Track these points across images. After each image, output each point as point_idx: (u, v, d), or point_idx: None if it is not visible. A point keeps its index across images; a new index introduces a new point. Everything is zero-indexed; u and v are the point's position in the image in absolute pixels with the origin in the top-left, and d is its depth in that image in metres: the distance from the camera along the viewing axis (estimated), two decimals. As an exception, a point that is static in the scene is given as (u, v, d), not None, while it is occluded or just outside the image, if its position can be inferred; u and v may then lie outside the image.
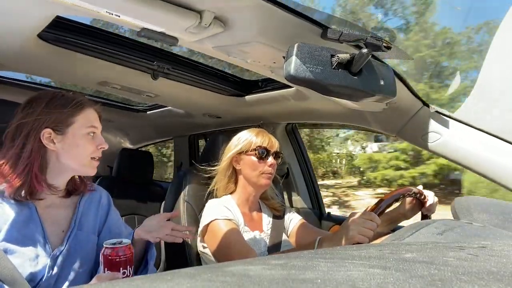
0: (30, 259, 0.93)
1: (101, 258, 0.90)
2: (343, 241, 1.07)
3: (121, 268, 0.89)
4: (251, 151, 1.38)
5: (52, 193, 1.03)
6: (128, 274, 0.90)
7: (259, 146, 1.37)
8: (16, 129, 0.99)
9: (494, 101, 1.17)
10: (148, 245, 1.12)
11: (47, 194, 1.03)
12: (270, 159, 1.38)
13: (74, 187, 1.11)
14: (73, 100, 1.03)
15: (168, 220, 1.11)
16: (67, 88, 2.40)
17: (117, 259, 0.88)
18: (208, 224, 1.32)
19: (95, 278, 0.90)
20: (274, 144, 1.40)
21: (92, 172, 1.06)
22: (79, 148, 1.01)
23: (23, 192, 0.97)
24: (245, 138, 1.41)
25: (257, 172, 1.37)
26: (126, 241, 0.92)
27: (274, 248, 1.38)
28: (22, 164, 0.97)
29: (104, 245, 0.90)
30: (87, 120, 1.03)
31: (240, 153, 1.40)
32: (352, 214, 1.11)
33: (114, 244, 0.91)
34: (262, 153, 1.37)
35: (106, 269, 0.89)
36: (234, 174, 1.45)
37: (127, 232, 1.17)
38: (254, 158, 1.37)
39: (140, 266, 1.11)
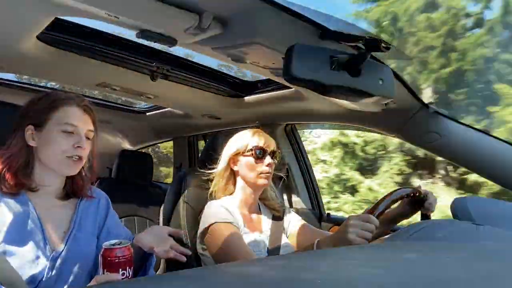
0: (29, 261, 0.93)
1: (100, 259, 0.89)
2: (341, 244, 1.07)
3: (120, 269, 0.87)
4: (247, 152, 1.38)
5: (44, 188, 1.03)
6: (128, 275, 0.89)
7: (255, 146, 1.37)
8: (14, 127, 1.03)
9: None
10: (147, 253, 1.11)
11: (43, 188, 1.03)
12: (267, 159, 1.38)
13: (72, 190, 1.10)
14: (53, 97, 1.03)
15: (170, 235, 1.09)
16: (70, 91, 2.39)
17: (116, 260, 0.87)
18: (208, 227, 1.31)
19: (94, 279, 0.89)
20: (270, 143, 1.40)
21: (68, 171, 1.04)
22: (51, 145, 1.00)
23: (6, 184, 0.97)
24: (241, 139, 1.41)
25: (255, 172, 1.37)
26: (126, 242, 0.91)
27: (274, 249, 1.38)
28: (5, 157, 0.99)
29: (103, 246, 0.89)
30: (63, 117, 1.01)
31: (237, 154, 1.40)
32: (351, 217, 1.10)
33: (113, 245, 0.89)
34: (259, 153, 1.37)
35: (105, 270, 0.88)
36: (233, 176, 1.45)
37: (126, 234, 1.17)
38: (251, 159, 1.37)
39: (138, 272, 1.10)
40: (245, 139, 1.40)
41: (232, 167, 1.43)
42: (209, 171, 1.48)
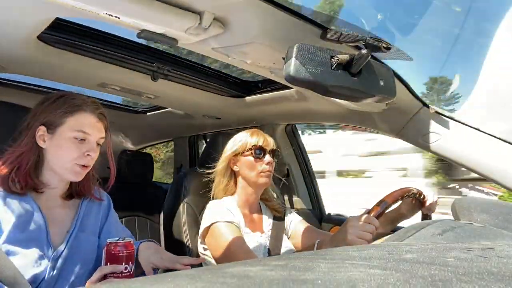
0: (33, 261, 0.93)
1: (103, 254, 0.91)
2: (342, 244, 1.07)
3: (123, 263, 0.89)
4: (247, 152, 1.39)
5: (49, 189, 1.03)
6: (130, 270, 0.90)
7: (254, 145, 1.38)
8: (25, 125, 1.03)
9: (494, 101, 1.17)
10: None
11: (48, 189, 1.03)
12: (267, 158, 1.38)
13: (77, 191, 1.10)
14: (69, 102, 1.02)
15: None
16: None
17: (120, 254, 0.90)
18: (209, 226, 1.31)
19: (98, 270, 0.90)
20: (269, 142, 1.41)
21: (74, 178, 1.03)
22: (62, 150, 1.00)
23: (16, 185, 0.97)
24: (240, 140, 1.42)
25: (255, 171, 1.38)
26: (129, 238, 0.93)
27: (275, 249, 1.38)
28: (15, 155, 0.99)
29: (107, 241, 0.92)
30: (77, 124, 1.01)
31: (236, 154, 1.41)
32: (351, 218, 1.11)
33: (117, 240, 0.92)
34: (259, 153, 1.38)
35: (108, 263, 0.90)
36: (233, 176, 1.45)
37: (126, 235, 1.17)
38: (251, 158, 1.38)
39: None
40: (244, 139, 1.41)
41: (232, 167, 1.43)
42: (209, 171, 1.48)
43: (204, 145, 2.79)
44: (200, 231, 1.36)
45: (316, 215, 2.18)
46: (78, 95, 1.06)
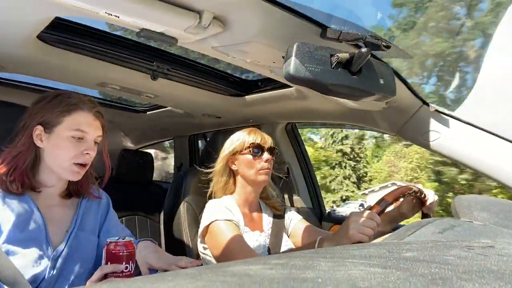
0: (32, 260, 0.93)
1: (104, 253, 0.91)
2: (343, 240, 1.07)
3: (123, 262, 0.89)
4: (245, 150, 1.39)
5: (47, 188, 1.03)
6: (130, 270, 0.90)
7: (252, 143, 1.38)
8: (21, 125, 1.02)
9: (494, 100, 1.17)
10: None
11: (46, 189, 1.03)
12: (265, 155, 1.38)
13: (76, 190, 1.10)
14: (66, 101, 1.01)
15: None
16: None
17: (120, 253, 0.89)
18: (208, 225, 1.31)
19: (98, 270, 0.90)
20: (267, 140, 1.41)
21: (72, 177, 1.03)
22: (59, 149, 0.99)
23: (13, 185, 0.97)
24: (238, 138, 1.42)
25: (254, 169, 1.38)
26: (129, 237, 0.93)
27: (275, 248, 1.38)
28: (12, 155, 0.99)
29: (108, 240, 0.91)
30: (75, 123, 1.00)
31: (235, 153, 1.41)
32: (353, 213, 1.11)
33: (117, 239, 0.92)
34: (257, 151, 1.38)
35: (108, 263, 0.90)
36: (232, 175, 1.45)
37: (125, 234, 1.17)
38: (249, 156, 1.38)
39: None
40: (242, 137, 1.41)
41: (231, 167, 1.43)
42: (208, 170, 1.48)
43: (205, 143, 2.79)
44: (200, 230, 1.36)
45: (316, 213, 2.19)
46: (74, 93, 1.05)
